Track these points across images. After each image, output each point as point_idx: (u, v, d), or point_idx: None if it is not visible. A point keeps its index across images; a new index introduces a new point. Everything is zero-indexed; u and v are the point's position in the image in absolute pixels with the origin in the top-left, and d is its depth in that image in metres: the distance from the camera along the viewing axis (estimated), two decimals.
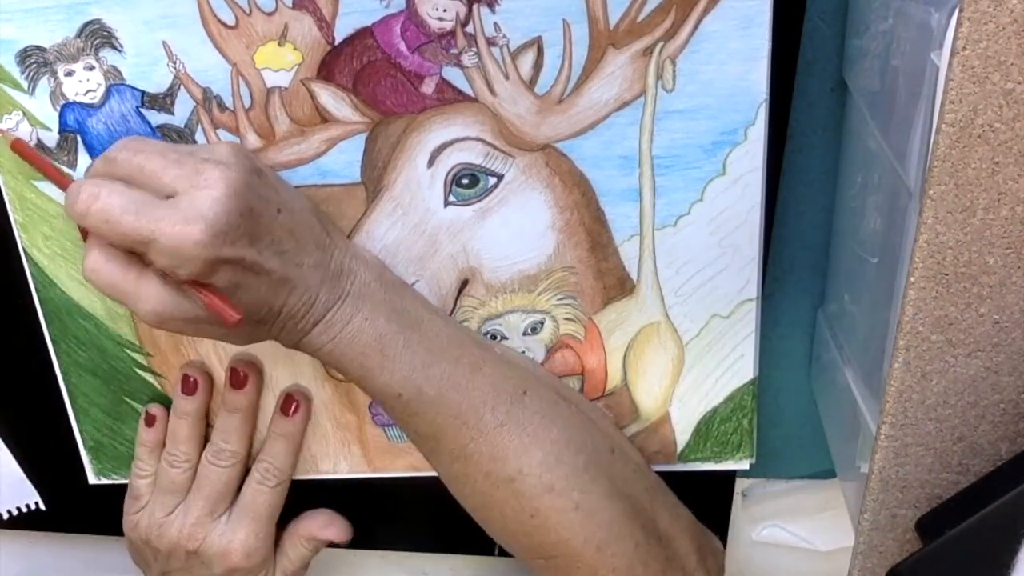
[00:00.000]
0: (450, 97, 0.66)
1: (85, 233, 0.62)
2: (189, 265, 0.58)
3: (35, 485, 0.84)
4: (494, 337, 0.73)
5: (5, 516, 0.85)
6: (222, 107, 0.67)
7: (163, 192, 0.59)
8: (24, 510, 0.85)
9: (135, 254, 0.60)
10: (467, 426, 0.67)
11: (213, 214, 0.58)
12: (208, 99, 0.67)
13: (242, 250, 0.59)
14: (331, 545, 0.81)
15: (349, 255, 0.66)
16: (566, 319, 0.72)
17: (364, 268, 0.66)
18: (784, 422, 0.79)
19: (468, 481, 0.69)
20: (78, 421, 0.78)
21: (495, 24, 0.64)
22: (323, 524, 0.80)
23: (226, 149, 0.61)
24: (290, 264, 0.62)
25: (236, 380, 0.75)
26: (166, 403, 0.77)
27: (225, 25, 0.65)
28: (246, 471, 0.77)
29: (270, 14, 0.65)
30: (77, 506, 0.84)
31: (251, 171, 0.61)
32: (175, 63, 0.66)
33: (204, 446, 0.76)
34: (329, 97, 0.67)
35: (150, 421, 0.77)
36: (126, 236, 0.58)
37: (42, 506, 0.85)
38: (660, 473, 0.75)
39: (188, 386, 0.75)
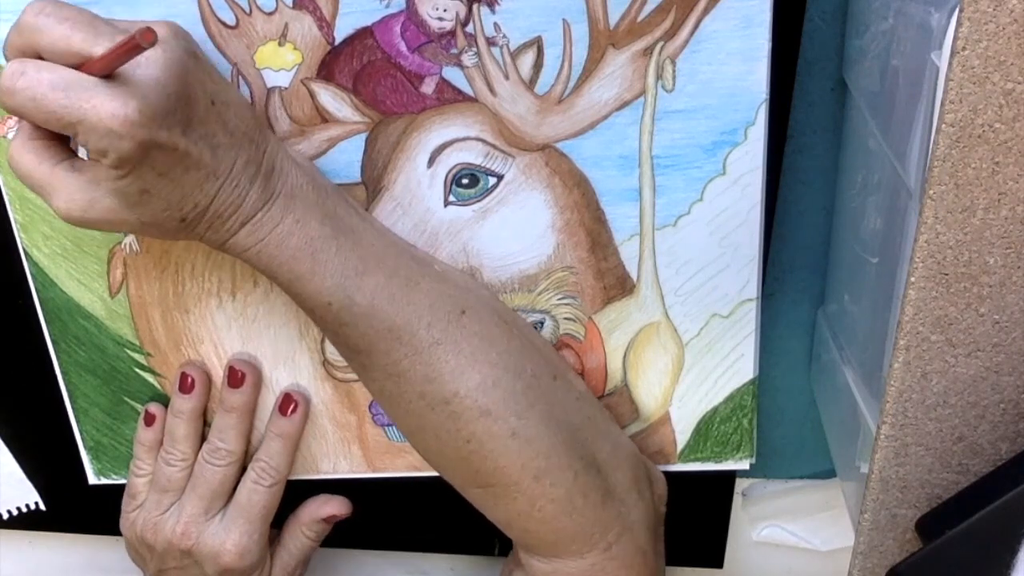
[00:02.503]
0: (450, 97, 0.66)
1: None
2: (120, 146, 0.55)
3: (35, 485, 0.84)
4: None
5: (5, 516, 0.85)
6: None
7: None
8: (24, 510, 0.85)
9: (57, 145, 0.58)
10: (400, 342, 0.65)
11: (150, 94, 0.55)
12: None
13: (176, 137, 0.56)
14: (329, 545, 0.81)
15: (281, 154, 0.63)
16: (566, 319, 0.72)
17: (296, 169, 0.64)
18: (784, 422, 0.79)
19: (402, 401, 0.67)
20: (78, 421, 0.78)
21: (495, 24, 0.64)
22: (320, 503, 0.80)
23: (164, 28, 0.58)
24: (222, 158, 0.59)
25: (233, 379, 0.75)
26: (166, 402, 0.76)
27: (225, 25, 0.65)
28: (242, 471, 0.77)
29: (270, 14, 0.65)
30: (77, 506, 0.84)
31: (189, 54, 0.58)
32: None
33: (202, 445, 0.76)
34: (329, 97, 0.67)
35: (149, 420, 0.77)
36: (53, 115, 0.55)
37: (42, 506, 0.85)
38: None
39: (185, 385, 0.75)
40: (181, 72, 0.56)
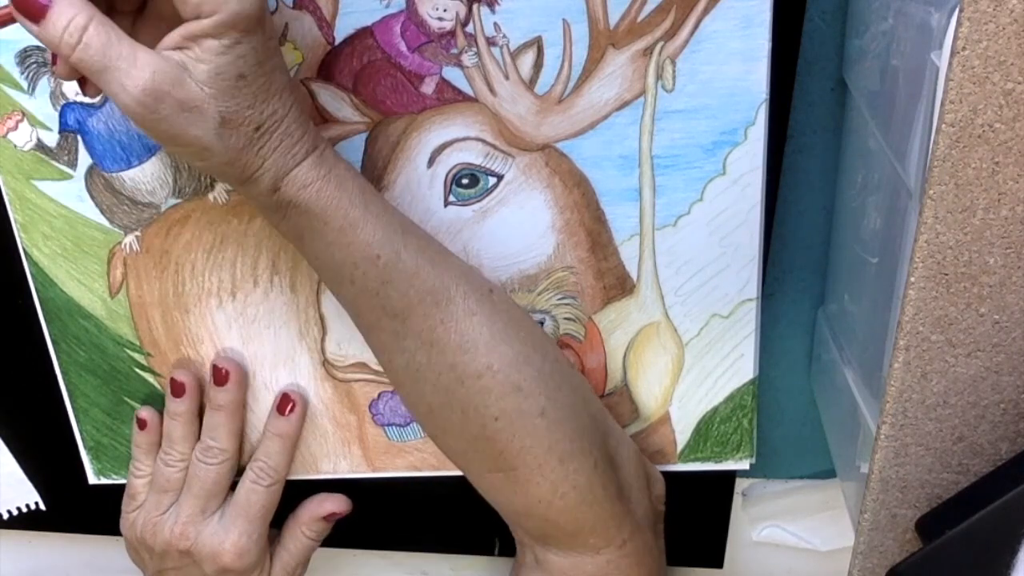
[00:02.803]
0: (450, 97, 0.66)
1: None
2: (244, 8, 0.53)
3: (35, 485, 0.84)
4: None
5: (5, 516, 0.85)
6: None
7: None
8: (24, 510, 0.85)
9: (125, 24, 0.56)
10: (438, 307, 0.64)
11: None
12: None
13: (270, 28, 0.55)
14: (329, 545, 0.81)
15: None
16: (566, 319, 0.72)
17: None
18: (784, 422, 0.79)
19: (431, 374, 0.65)
20: (78, 421, 0.78)
21: (495, 24, 0.64)
22: (319, 502, 0.79)
23: None
24: (290, 81, 0.58)
25: (218, 377, 0.75)
26: (163, 404, 0.77)
27: None
28: (240, 471, 0.77)
29: (270, 13, 0.65)
30: (77, 506, 0.84)
31: None
32: None
33: None
34: (329, 97, 0.67)
35: (142, 425, 0.77)
36: None
37: (42, 506, 0.85)
38: (662, 473, 0.75)
39: (176, 388, 0.75)
40: None
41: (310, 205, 0.60)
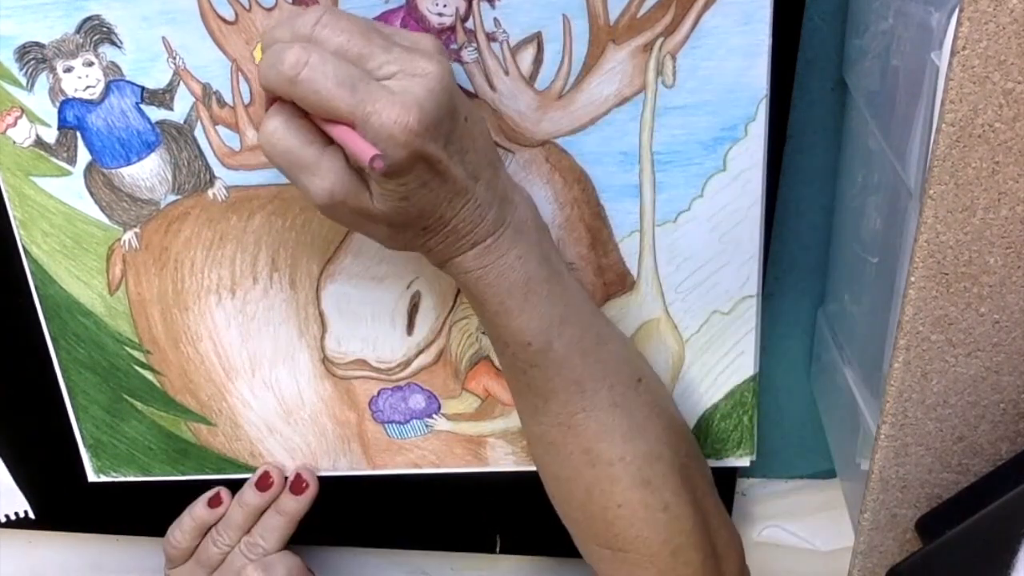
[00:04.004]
0: None
1: (272, 99, 0.58)
2: (396, 153, 0.54)
3: (34, 484, 0.84)
4: None
5: (3, 519, 0.86)
6: (222, 103, 0.67)
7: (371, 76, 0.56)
8: (13, 518, 0.85)
9: (317, 128, 0.57)
10: (582, 396, 0.64)
11: (428, 105, 0.54)
12: (208, 95, 0.67)
13: (439, 150, 0.56)
14: (329, 545, 0.81)
15: (511, 183, 0.64)
16: None
17: (523, 202, 0.64)
18: (784, 422, 0.78)
19: (563, 452, 0.66)
20: (77, 419, 0.78)
21: (495, 19, 0.64)
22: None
23: (430, 42, 0.58)
24: (471, 176, 0.59)
25: (297, 486, 0.78)
26: (165, 403, 0.77)
27: (225, 21, 0.65)
28: None
29: (270, 9, 0.64)
30: (77, 505, 0.84)
31: (451, 69, 0.58)
32: (175, 59, 0.66)
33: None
34: None
35: (215, 503, 0.79)
36: (335, 110, 0.54)
37: (31, 515, 0.85)
38: None
39: (265, 483, 0.78)
40: (450, 85, 0.56)
41: (468, 287, 0.63)
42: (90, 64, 0.67)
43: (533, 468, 0.70)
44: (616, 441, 0.65)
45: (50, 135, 0.69)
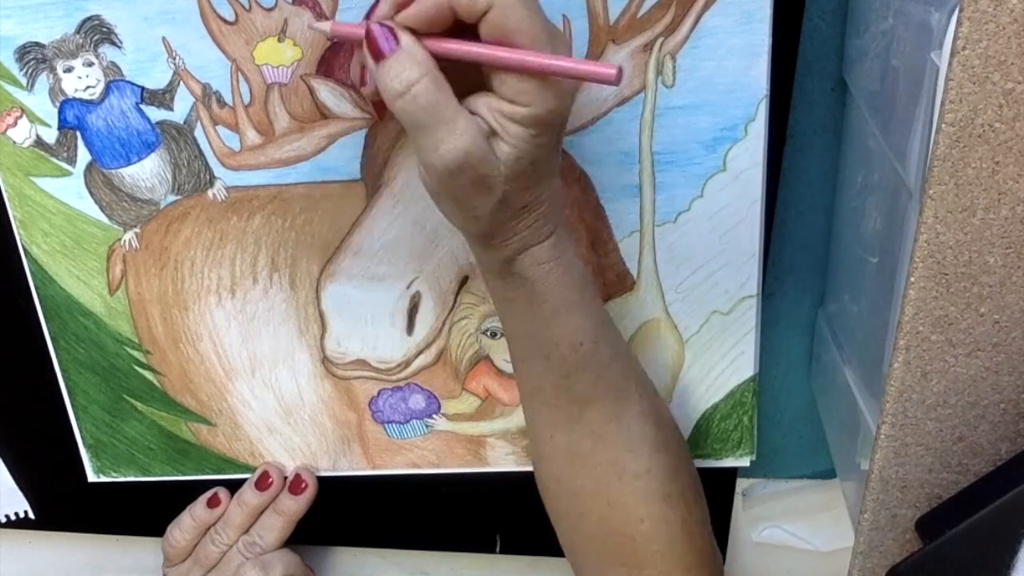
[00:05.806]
0: None
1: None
2: (547, 104, 0.54)
3: (34, 484, 0.84)
4: (494, 335, 0.73)
5: (3, 519, 0.85)
6: (221, 103, 0.67)
7: None
8: (13, 518, 0.85)
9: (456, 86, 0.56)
10: (618, 402, 0.64)
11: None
12: (207, 95, 0.67)
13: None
14: (329, 544, 0.81)
15: None
16: None
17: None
18: (784, 422, 0.78)
19: (589, 463, 0.65)
20: (77, 419, 0.78)
21: None
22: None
23: None
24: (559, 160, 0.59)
25: (296, 487, 0.78)
26: (165, 403, 0.77)
27: (225, 21, 0.65)
28: None
29: (270, 10, 0.64)
30: (77, 505, 0.84)
31: None
32: (175, 59, 0.66)
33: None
34: (329, 93, 0.67)
35: (214, 503, 0.80)
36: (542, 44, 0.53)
37: (31, 515, 0.85)
38: None
39: (264, 483, 0.78)
40: None
41: (536, 281, 0.60)
42: (90, 64, 0.67)
43: (533, 468, 0.69)
44: (644, 452, 0.65)
45: (50, 135, 0.69)
